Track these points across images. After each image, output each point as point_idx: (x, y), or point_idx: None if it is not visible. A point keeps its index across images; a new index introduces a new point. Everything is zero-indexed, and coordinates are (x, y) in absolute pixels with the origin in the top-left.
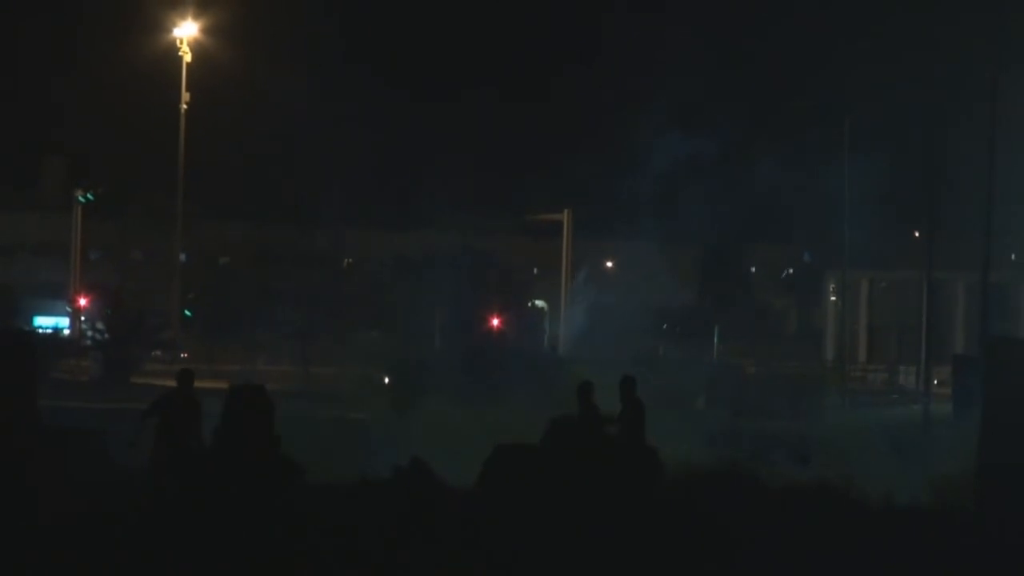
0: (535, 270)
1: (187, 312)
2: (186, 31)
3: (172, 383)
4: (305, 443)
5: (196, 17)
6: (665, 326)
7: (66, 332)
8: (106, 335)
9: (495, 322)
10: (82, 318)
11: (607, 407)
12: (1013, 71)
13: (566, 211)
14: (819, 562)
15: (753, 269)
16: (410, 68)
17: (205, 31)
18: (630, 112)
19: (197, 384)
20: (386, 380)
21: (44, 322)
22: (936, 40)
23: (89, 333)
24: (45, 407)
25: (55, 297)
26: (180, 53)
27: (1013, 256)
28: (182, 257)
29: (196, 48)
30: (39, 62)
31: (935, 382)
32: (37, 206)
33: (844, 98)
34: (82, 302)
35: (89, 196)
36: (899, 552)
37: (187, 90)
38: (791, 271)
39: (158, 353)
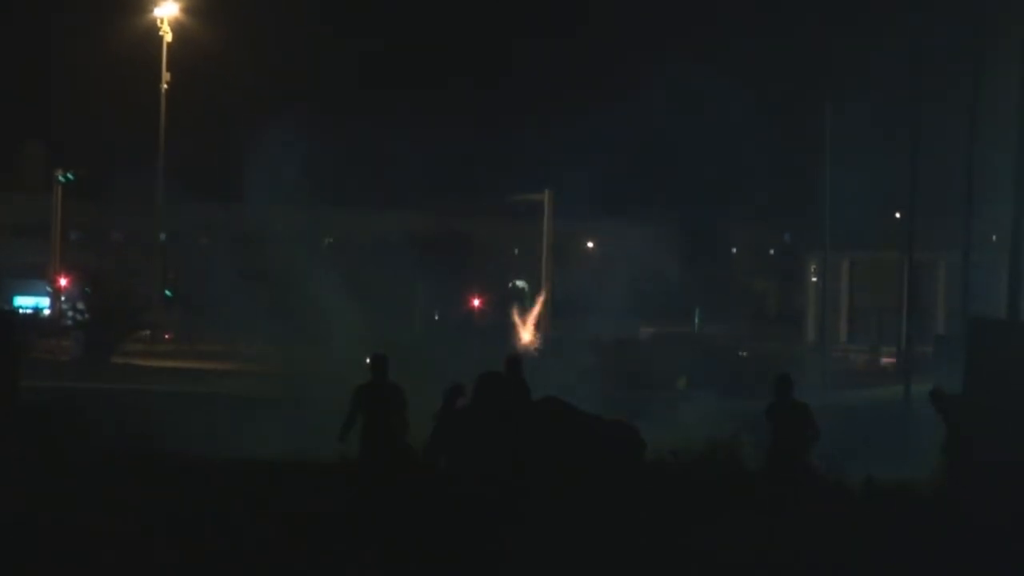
0: (516, 251)
1: (168, 292)
2: (167, 11)
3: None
4: (286, 424)
5: None
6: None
7: (46, 312)
8: (86, 315)
9: (475, 303)
10: (62, 298)
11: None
12: (997, 48)
13: (547, 192)
14: (798, 542)
15: (735, 250)
16: (392, 47)
17: (186, 11)
18: (613, 92)
19: (180, 364)
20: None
21: (24, 302)
22: (921, 16)
23: (69, 313)
24: (25, 387)
25: (35, 277)
26: (160, 33)
27: (994, 237)
28: (162, 237)
29: (177, 28)
30: (18, 42)
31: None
32: (17, 187)
33: (828, 77)
34: (62, 282)
35: (69, 176)
36: (879, 531)
37: (168, 70)
38: (772, 252)
39: (147, 333)
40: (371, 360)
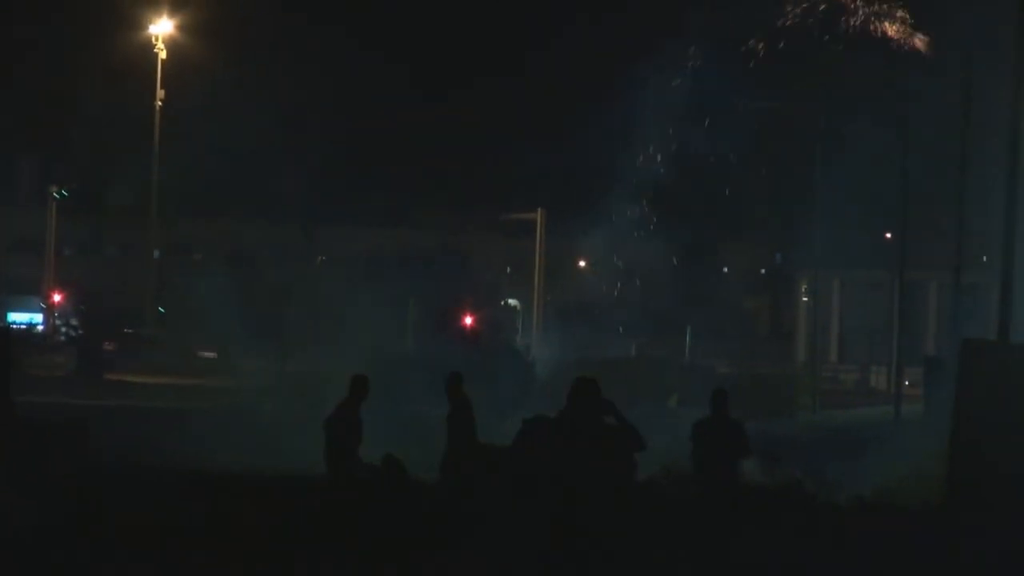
0: (508, 269)
1: (161, 309)
2: (162, 28)
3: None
4: (279, 440)
5: (172, 14)
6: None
7: (40, 328)
8: (80, 331)
9: (467, 321)
10: (56, 314)
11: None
12: (986, 68)
13: (540, 210)
14: (790, 560)
15: (726, 269)
16: (387, 65)
17: (181, 28)
18: (605, 111)
19: (171, 381)
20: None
21: (18, 318)
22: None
23: (63, 329)
24: (20, 402)
25: (29, 293)
26: (156, 50)
27: (985, 257)
28: (156, 253)
29: (172, 45)
30: (11, 58)
31: (906, 383)
32: (11, 203)
33: (819, 96)
34: (56, 298)
35: (63, 192)
36: (870, 551)
37: (162, 87)
38: (764, 271)
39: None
40: (350, 380)
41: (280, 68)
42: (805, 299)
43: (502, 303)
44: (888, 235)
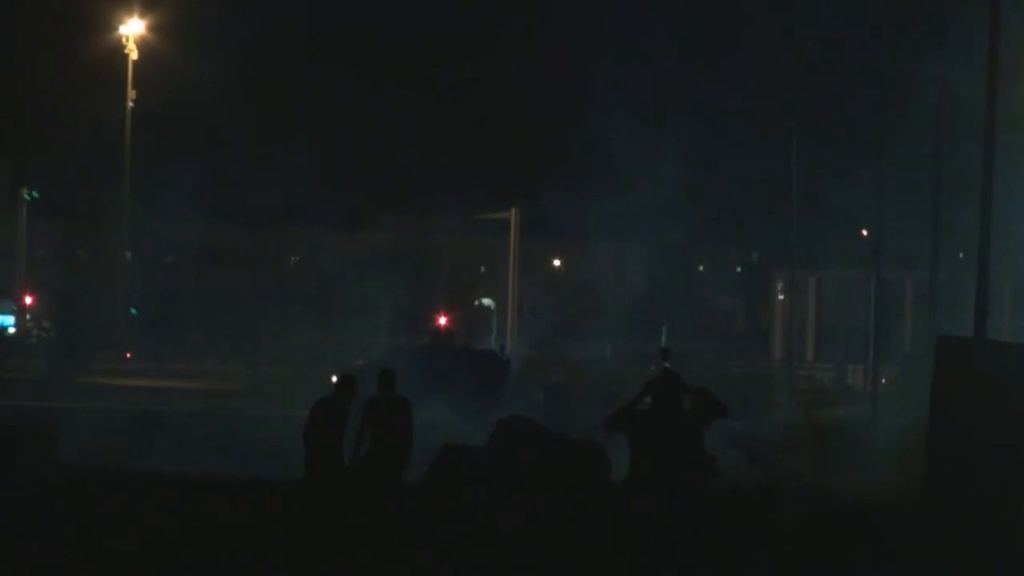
0: (482, 268)
1: (133, 310)
2: (133, 28)
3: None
4: (255, 441)
5: (143, 15)
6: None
7: (12, 331)
8: (52, 334)
9: (442, 321)
10: (28, 316)
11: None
12: (963, 64)
13: (513, 210)
14: (766, 559)
15: (702, 268)
16: (356, 66)
17: (152, 29)
18: (580, 109)
19: (145, 383)
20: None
21: None
22: (887, 32)
23: (35, 332)
24: None
25: (1, 296)
26: (126, 51)
27: (961, 255)
28: (128, 256)
29: (143, 46)
30: None
31: (883, 381)
32: None
33: (794, 91)
34: (28, 301)
35: (34, 195)
36: (846, 548)
37: (134, 88)
38: (739, 270)
39: (112, 353)
40: (340, 379)
41: (249, 69)
42: (781, 297)
43: (476, 303)
44: (864, 232)
